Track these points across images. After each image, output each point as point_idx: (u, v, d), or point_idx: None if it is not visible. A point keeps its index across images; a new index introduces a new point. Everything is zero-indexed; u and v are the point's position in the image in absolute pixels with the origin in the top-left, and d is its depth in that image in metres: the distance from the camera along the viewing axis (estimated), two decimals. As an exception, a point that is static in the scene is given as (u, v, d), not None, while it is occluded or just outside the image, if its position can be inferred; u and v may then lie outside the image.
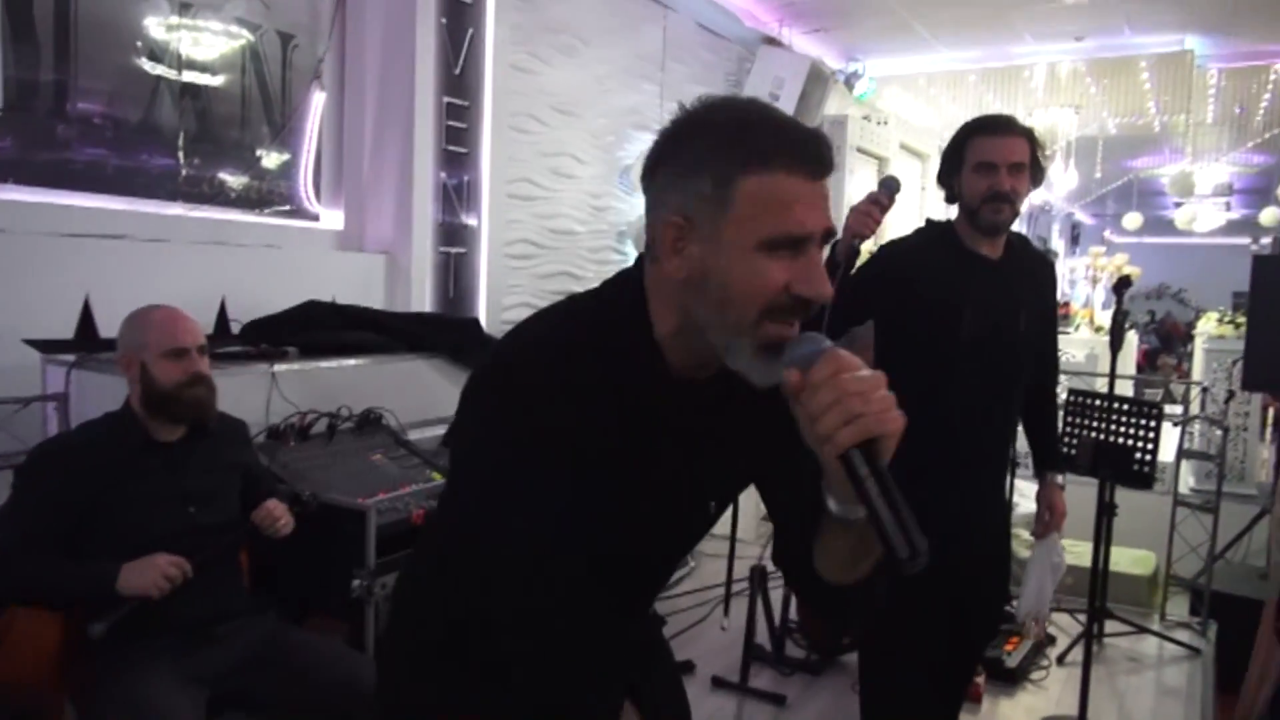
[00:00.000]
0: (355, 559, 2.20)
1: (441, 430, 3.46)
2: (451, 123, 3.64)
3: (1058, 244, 15.48)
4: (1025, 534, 3.63)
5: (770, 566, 3.27)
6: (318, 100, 3.39)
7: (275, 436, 2.49)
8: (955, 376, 2.10)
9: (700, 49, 5.37)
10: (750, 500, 3.97)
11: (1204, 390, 5.37)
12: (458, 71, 3.65)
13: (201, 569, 1.95)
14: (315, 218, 3.47)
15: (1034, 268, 2.30)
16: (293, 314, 2.87)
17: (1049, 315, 2.42)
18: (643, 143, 4.99)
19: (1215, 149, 8.63)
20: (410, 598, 1.13)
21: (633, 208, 4.99)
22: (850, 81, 6.24)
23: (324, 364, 2.76)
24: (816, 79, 5.81)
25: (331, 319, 2.94)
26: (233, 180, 3.17)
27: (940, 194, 2.27)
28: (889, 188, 2.07)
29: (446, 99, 3.60)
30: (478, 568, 1.00)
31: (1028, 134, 2.14)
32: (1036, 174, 2.15)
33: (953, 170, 2.16)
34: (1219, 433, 4.34)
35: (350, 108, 3.54)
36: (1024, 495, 2.56)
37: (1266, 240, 10.24)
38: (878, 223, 2.04)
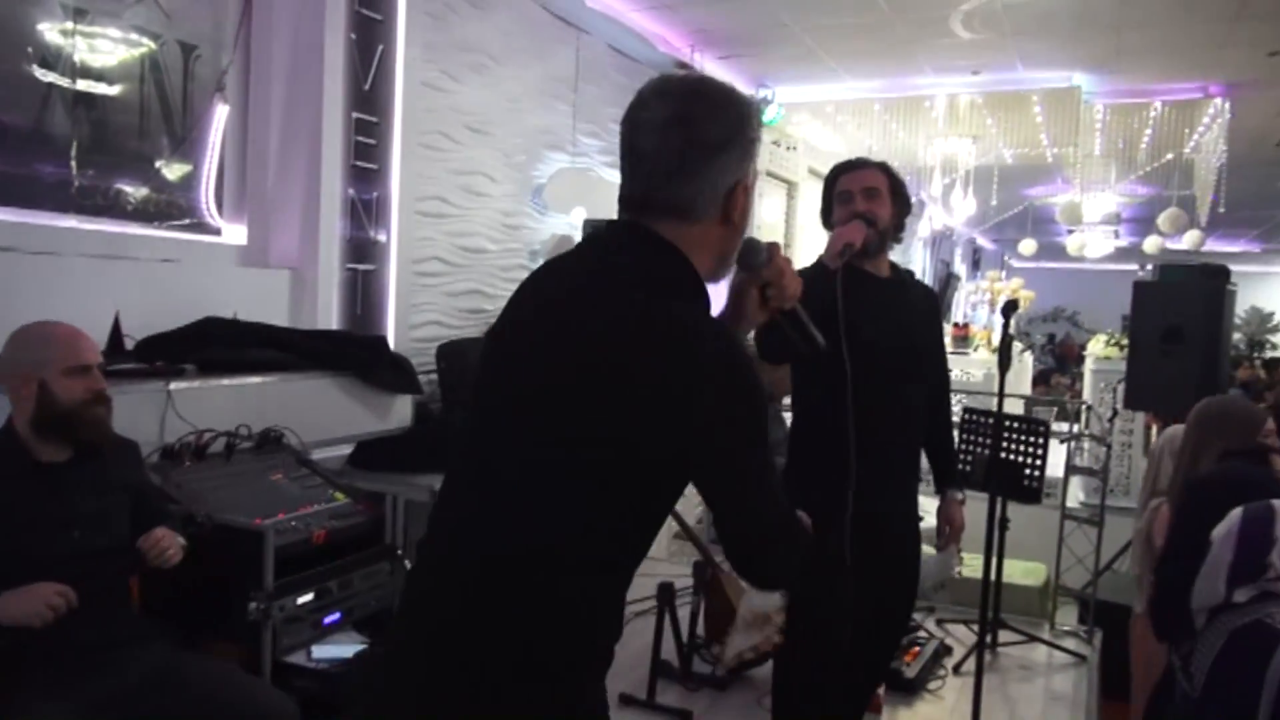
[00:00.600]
0: (252, 581, 2.16)
1: (348, 449, 3.41)
2: (361, 139, 3.61)
3: (960, 267, 16.07)
4: (928, 548, 3.78)
5: (679, 584, 3.32)
6: (221, 112, 3.33)
7: (169, 456, 2.43)
8: (857, 383, 2.24)
9: (613, 71, 5.44)
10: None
11: (1088, 409, 5.65)
12: (367, 87, 3.62)
13: (88, 596, 1.88)
14: (217, 232, 3.39)
15: (919, 295, 2.57)
16: (191, 330, 2.80)
17: (937, 340, 2.65)
18: (556, 163, 5.02)
19: (1103, 180, 9.10)
20: (755, 494, 1.22)
21: (546, 227, 5.00)
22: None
23: (224, 382, 2.70)
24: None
25: (232, 336, 2.88)
26: (130, 192, 3.08)
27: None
28: (867, 221, 2.35)
29: (356, 115, 3.57)
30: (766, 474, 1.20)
31: (882, 166, 2.45)
32: (900, 202, 2.43)
33: (828, 207, 2.48)
34: (1104, 449, 4.56)
35: (255, 121, 3.48)
36: (925, 511, 2.68)
37: (1152, 267, 10.85)
38: (863, 236, 2.30)
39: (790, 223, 7.82)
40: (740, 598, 3.49)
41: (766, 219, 7.34)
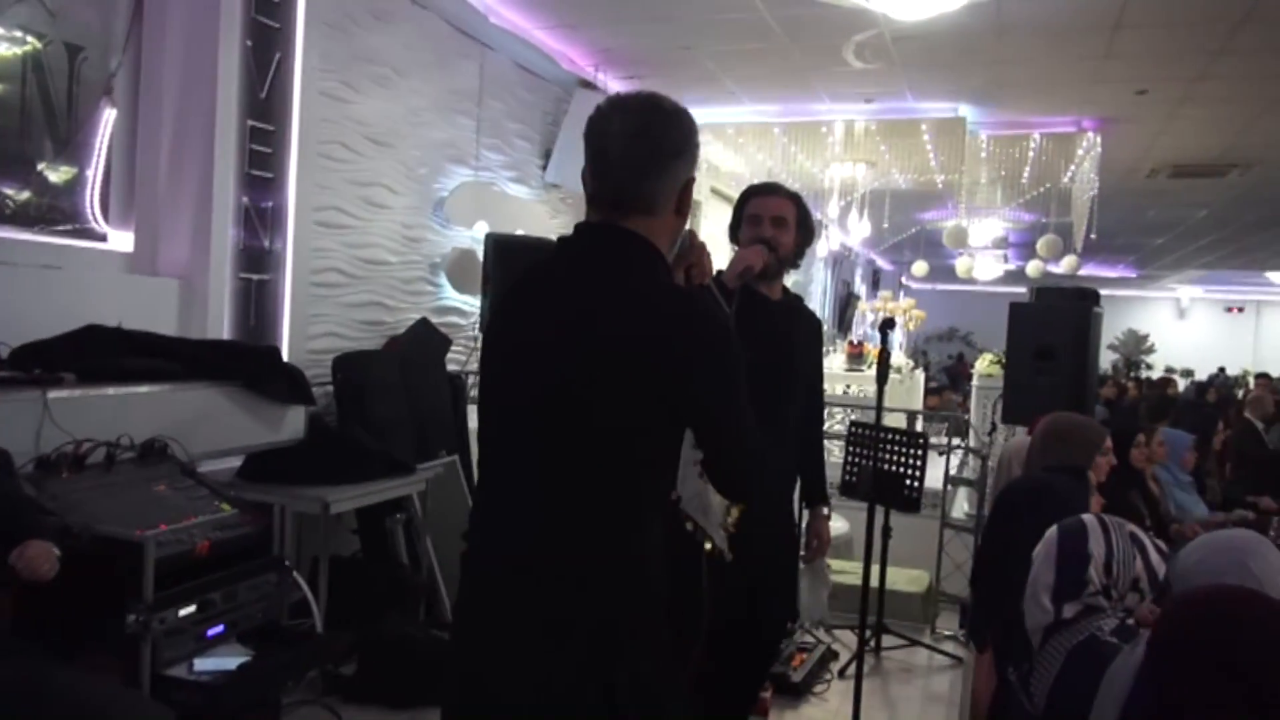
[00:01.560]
0: (130, 593, 2.12)
1: (238, 461, 3.35)
2: (256, 147, 3.56)
3: (860, 287, 16.57)
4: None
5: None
6: (108, 115, 3.25)
7: (45, 467, 2.36)
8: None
9: (518, 87, 5.48)
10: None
11: (965, 423, 5.92)
12: (263, 95, 3.58)
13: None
14: (102, 238, 3.31)
15: (806, 321, 2.69)
16: (71, 338, 2.73)
17: (816, 365, 2.78)
18: (459, 176, 5.04)
19: (989, 206, 9.54)
20: (738, 432, 1.48)
21: (448, 240, 5.01)
22: None
23: (106, 391, 2.64)
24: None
25: (115, 344, 2.81)
26: (9, 195, 2.99)
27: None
28: (769, 247, 2.43)
29: (251, 122, 3.53)
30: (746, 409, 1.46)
31: (793, 196, 2.55)
32: (804, 232, 2.55)
33: (736, 225, 2.58)
34: (981, 461, 4.80)
35: (145, 125, 3.41)
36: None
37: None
38: (763, 261, 2.36)
39: (693, 240, 7.96)
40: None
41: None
